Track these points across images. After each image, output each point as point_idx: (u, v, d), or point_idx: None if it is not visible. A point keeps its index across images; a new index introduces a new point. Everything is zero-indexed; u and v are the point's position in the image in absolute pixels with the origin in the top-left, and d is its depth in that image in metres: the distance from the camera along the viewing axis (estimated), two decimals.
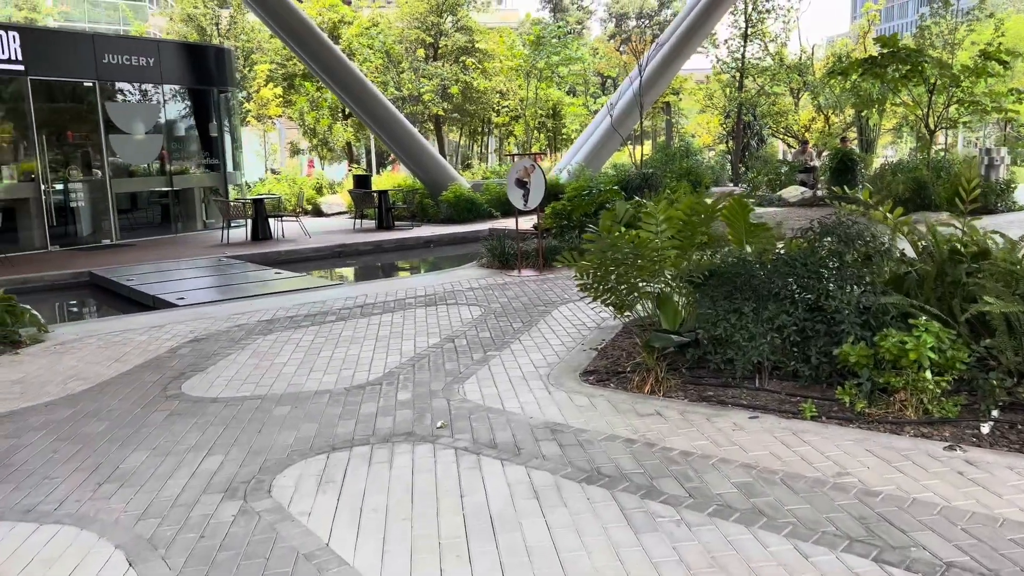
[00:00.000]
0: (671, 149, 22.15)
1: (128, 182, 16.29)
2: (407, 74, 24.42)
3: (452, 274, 10.49)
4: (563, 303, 8.15)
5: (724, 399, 4.84)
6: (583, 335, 6.74)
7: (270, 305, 8.63)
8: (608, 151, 19.18)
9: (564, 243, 11.10)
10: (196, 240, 15.86)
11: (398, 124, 17.62)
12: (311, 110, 24.53)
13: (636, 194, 13.55)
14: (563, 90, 27.46)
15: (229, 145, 18.57)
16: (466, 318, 7.59)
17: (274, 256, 13.50)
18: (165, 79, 16.50)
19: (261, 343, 6.85)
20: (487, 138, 33.62)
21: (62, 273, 11.59)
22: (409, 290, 9.28)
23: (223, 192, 18.00)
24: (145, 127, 16.37)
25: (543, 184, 10.08)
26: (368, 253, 14.48)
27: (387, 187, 20.04)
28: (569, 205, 11.98)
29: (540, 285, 9.30)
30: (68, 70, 14.86)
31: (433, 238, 15.51)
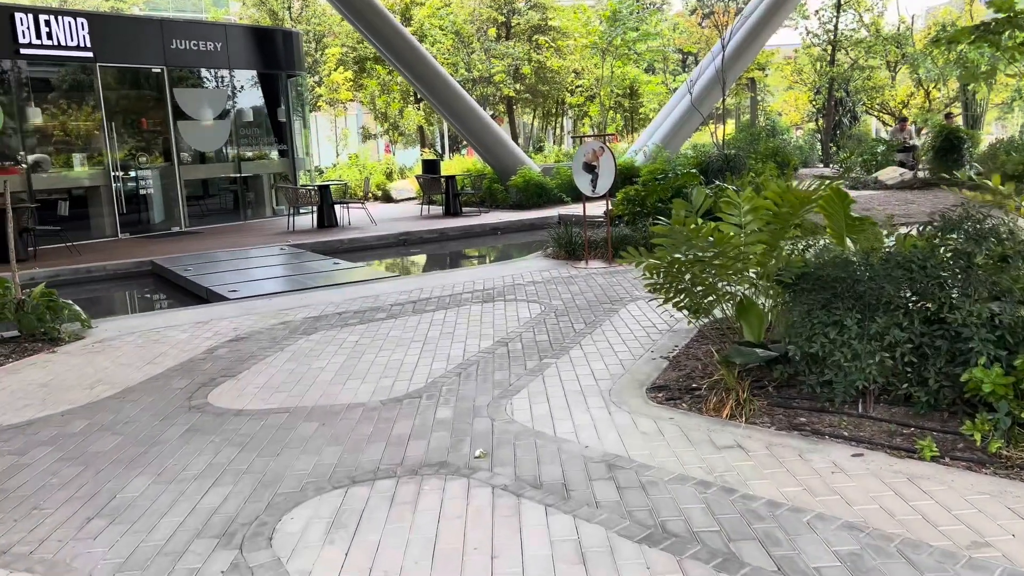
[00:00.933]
0: (755, 128, 20.86)
1: (196, 169, 16.24)
2: (477, 54, 23.78)
3: (515, 265, 9.84)
4: (631, 300, 7.40)
5: (819, 428, 4.04)
6: (652, 340, 5.99)
7: (321, 299, 8.17)
8: (687, 131, 18.13)
9: (636, 232, 10.29)
10: (263, 227, 15.69)
11: (466, 106, 17.03)
12: (382, 94, 24.21)
13: (717, 177, 12.59)
14: (640, 68, 26.31)
15: (298, 130, 18.36)
16: (524, 317, 6.93)
17: (336, 245, 13.13)
18: (233, 64, 16.34)
19: (303, 344, 6.36)
20: (561, 119, 32.73)
21: (124, 262, 11.49)
22: (467, 284, 8.68)
23: (292, 178, 17.82)
24: (213, 113, 16.26)
25: (613, 168, 9.30)
26: (432, 241, 13.97)
27: (456, 172, 19.53)
28: (643, 190, 11.15)
29: (607, 279, 8.55)
30: (136, 56, 14.82)
31: (500, 225, 14.89)
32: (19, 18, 13.06)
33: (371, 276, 9.49)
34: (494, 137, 17.57)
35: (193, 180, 16.21)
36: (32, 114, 13.56)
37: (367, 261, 12.53)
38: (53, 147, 14.19)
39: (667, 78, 28.20)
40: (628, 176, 14.65)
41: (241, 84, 16.85)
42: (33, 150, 13.79)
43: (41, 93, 13.80)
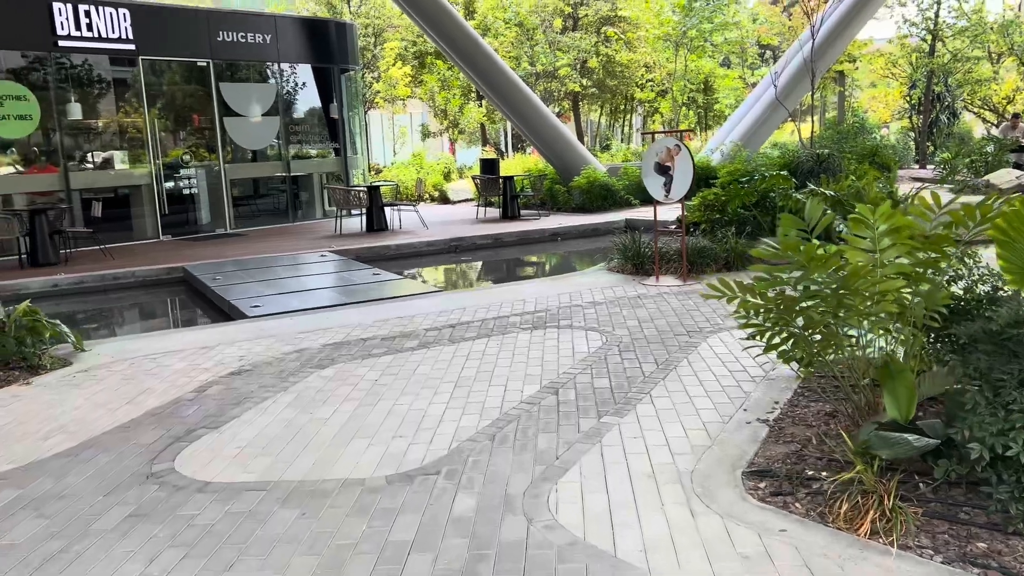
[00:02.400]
0: (843, 125, 19.08)
1: (243, 167, 15.49)
2: (541, 47, 22.54)
3: (573, 281, 8.60)
4: (713, 331, 6.08)
5: (1011, 565, 2.71)
6: (743, 391, 4.69)
7: (350, 319, 7.10)
8: (769, 128, 16.54)
9: (716, 243, 8.94)
10: (310, 230, 14.83)
11: (527, 103, 15.85)
12: (442, 90, 23.22)
13: (807, 180, 11.09)
14: (716, 61, 24.66)
15: (351, 127, 17.49)
16: (581, 351, 5.70)
17: (383, 251, 12.12)
18: (283, 57, 15.53)
19: (312, 382, 5.27)
20: (629, 116, 31.22)
21: (154, 268, 10.69)
22: (517, 303, 7.49)
23: (344, 178, 16.96)
24: (261, 109, 15.49)
25: (691, 169, 7.97)
26: (485, 248, 12.83)
27: (516, 172, 18.38)
28: (723, 194, 9.76)
29: (682, 301, 7.24)
30: (181, 49, 14.12)
31: (560, 230, 13.66)
32: (57, 8, 12.45)
33: (409, 291, 8.39)
34: (556, 134, 16.35)
35: (240, 179, 15.47)
36: (71, 110, 12.96)
37: (412, 270, 11.50)
38: (93, 144, 13.59)
39: (745, 72, 26.45)
40: (704, 177, 13.23)
41: (291, 78, 16.04)
42: (71, 147, 13.21)
43: (80, 87, 13.19)
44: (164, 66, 14.21)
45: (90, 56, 13.13)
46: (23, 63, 12.54)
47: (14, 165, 12.71)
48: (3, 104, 12.14)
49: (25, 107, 12.39)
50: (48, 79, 12.76)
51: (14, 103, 12.26)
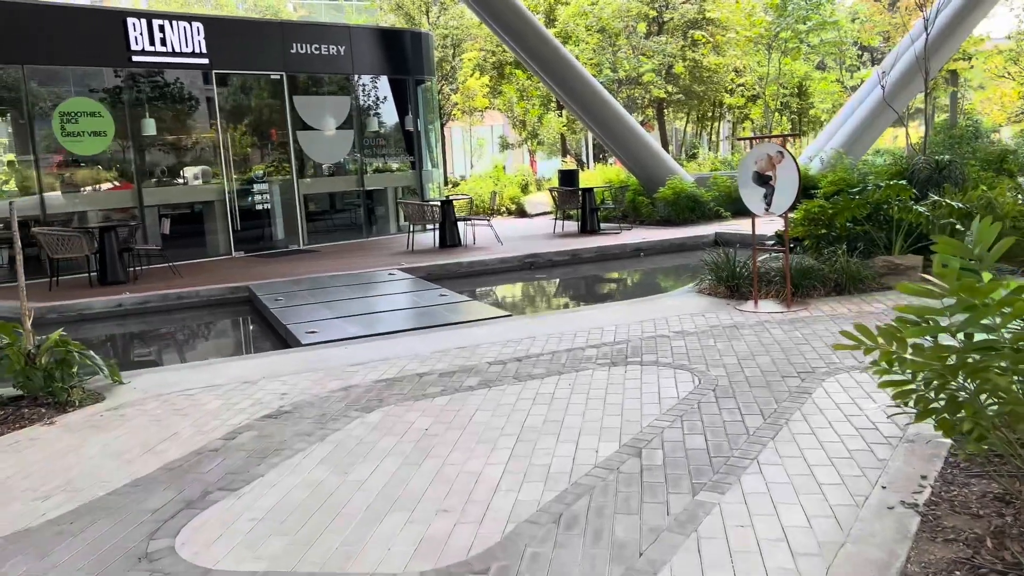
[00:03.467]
0: (957, 129, 17.42)
1: (317, 182, 15.18)
2: (624, 52, 21.60)
3: (659, 304, 7.68)
4: (830, 372, 5.09)
5: None
6: (877, 457, 3.72)
7: (408, 349, 6.41)
8: (875, 132, 15.16)
9: (824, 263, 7.86)
10: (384, 246, 14.35)
11: (609, 110, 15.00)
12: (520, 100, 22.57)
13: (925, 189, 9.84)
14: (812, 64, 23.18)
15: (427, 140, 17.01)
16: (668, 397, 4.81)
17: (454, 268, 11.47)
18: (357, 68, 15.17)
19: (354, 429, 4.57)
20: (718, 123, 29.85)
21: (219, 288, 10.32)
22: (593, 332, 6.64)
23: (419, 192, 16.47)
24: (335, 122, 15.16)
25: (796, 179, 6.96)
26: (562, 265, 12.01)
27: (596, 183, 17.52)
28: (830, 206, 8.65)
29: (787, 332, 6.24)
30: (255, 62, 13.91)
31: (644, 245, 12.71)
32: (132, 23, 12.37)
33: (476, 316, 7.65)
34: (639, 143, 15.41)
35: (313, 194, 15.16)
36: (145, 126, 12.85)
37: (483, 290, 10.80)
38: (166, 160, 13.47)
39: (843, 75, 24.81)
40: (804, 187, 12.06)
41: (366, 90, 15.66)
42: (145, 163, 13.10)
43: (153, 103, 13.09)
44: (237, 80, 14.03)
45: (164, 71, 13.02)
46: (97, 79, 12.50)
47: (89, 182, 12.67)
48: (78, 121, 12.11)
49: (99, 123, 12.33)
50: (122, 95, 12.69)
51: (88, 119, 12.21)
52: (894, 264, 7.87)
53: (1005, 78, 22.40)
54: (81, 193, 12.55)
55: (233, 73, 13.76)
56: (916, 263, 7.84)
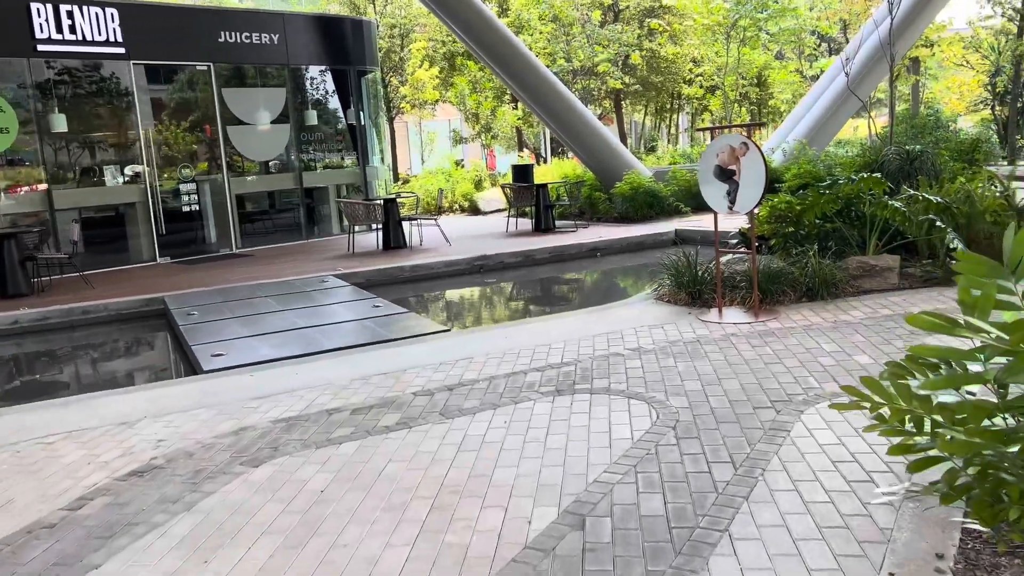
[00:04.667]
0: (919, 118, 16.97)
1: (251, 181, 14.14)
2: (579, 41, 20.79)
3: (614, 314, 6.89)
4: (809, 400, 4.33)
5: None
6: (878, 526, 2.95)
7: (324, 376, 5.53)
8: (838, 122, 14.58)
9: (795, 266, 7.15)
10: (324, 248, 13.39)
11: (562, 102, 14.20)
12: (473, 92, 21.67)
13: (896, 181, 9.20)
14: (770, 53, 22.63)
15: (372, 134, 16.04)
16: (621, 438, 4.01)
17: (396, 273, 10.58)
18: (293, 59, 14.15)
19: (233, 491, 3.69)
20: (676, 115, 29.24)
21: (131, 300, 9.29)
22: (539, 350, 5.82)
23: (364, 190, 15.51)
24: (270, 116, 14.13)
25: (763, 173, 6.22)
26: (514, 267, 11.18)
27: (552, 179, 16.75)
28: (797, 202, 7.94)
29: (759, 347, 5.48)
30: (178, 51, 12.81)
31: (600, 244, 11.94)
32: (36, 9, 11.21)
33: (409, 333, 6.78)
34: (595, 136, 14.64)
35: (247, 193, 14.12)
36: (54, 121, 11.69)
37: (425, 298, 9.93)
38: (79, 159, 12.33)
39: (802, 64, 24.34)
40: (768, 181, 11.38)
41: (303, 82, 14.65)
42: (55, 163, 11.95)
43: (65, 96, 11.94)
44: (159, 71, 12.92)
45: (74, 61, 11.87)
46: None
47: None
48: None
49: (1, 119, 11.17)
50: (27, 88, 11.53)
51: None
52: (869, 265, 7.18)
53: (964, 67, 22.12)
54: None
55: (154, 64, 12.65)
56: (893, 264, 7.17)
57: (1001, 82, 18.93)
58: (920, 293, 6.82)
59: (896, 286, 7.08)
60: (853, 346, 5.35)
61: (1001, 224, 7.83)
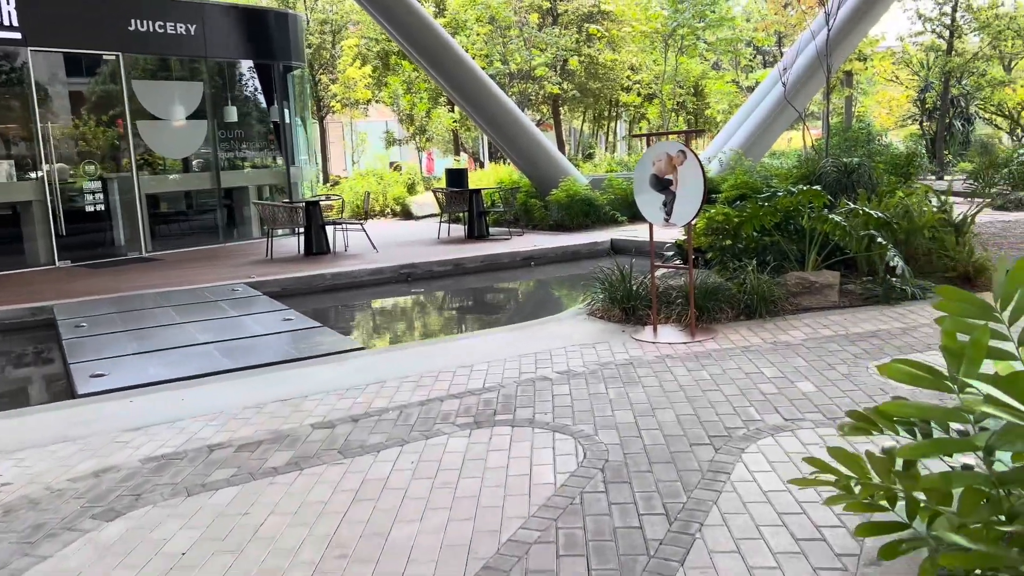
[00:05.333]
0: (851, 132, 17.09)
1: (163, 180, 13.24)
2: (515, 44, 20.37)
3: (543, 331, 6.41)
4: (751, 435, 3.91)
5: None
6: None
7: (212, 403, 4.90)
8: (774, 133, 14.49)
9: (729, 278, 6.80)
10: (242, 253, 12.60)
11: (497, 104, 13.73)
12: (407, 93, 21.03)
13: (834, 194, 8.99)
14: (708, 63, 22.62)
15: (298, 133, 15.29)
16: (543, 484, 3.51)
17: (316, 281, 9.92)
18: (211, 51, 13.31)
19: (71, 558, 3.06)
20: (614, 123, 29.12)
21: (16, 309, 8.41)
22: (460, 372, 5.29)
23: (288, 191, 14.74)
24: (185, 111, 13.27)
25: (700, 183, 5.83)
26: (443, 276, 10.64)
27: (488, 184, 16.28)
28: (735, 214, 7.61)
29: (695, 371, 5.07)
30: (83, 39, 11.87)
31: (535, 253, 11.49)
32: None
33: (319, 351, 6.17)
34: (531, 141, 14.22)
35: (160, 193, 13.22)
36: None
37: (343, 309, 9.31)
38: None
39: (738, 75, 24.44)
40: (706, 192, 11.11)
41: (223, 76, 13.82)
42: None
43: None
44: (61, 59, 11.95)
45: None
46: None
47: None
48: None
49: None
50: None
51: None
52: (809, 282, 6.88)
53: (893, 82, 22.52)
54: None
55: (55, 51, 11.69)
56: (833, 281, 6.88)
57: (931, 97, 19.28)
58: (861, 312, 6.54)
59: (836, 303, 6.79)
60: (795, 371, 4.98)
61: (939, 240, 7.67)
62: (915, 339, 5.61)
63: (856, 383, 4.70)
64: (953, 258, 7.38)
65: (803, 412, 4.26)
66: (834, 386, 4.66)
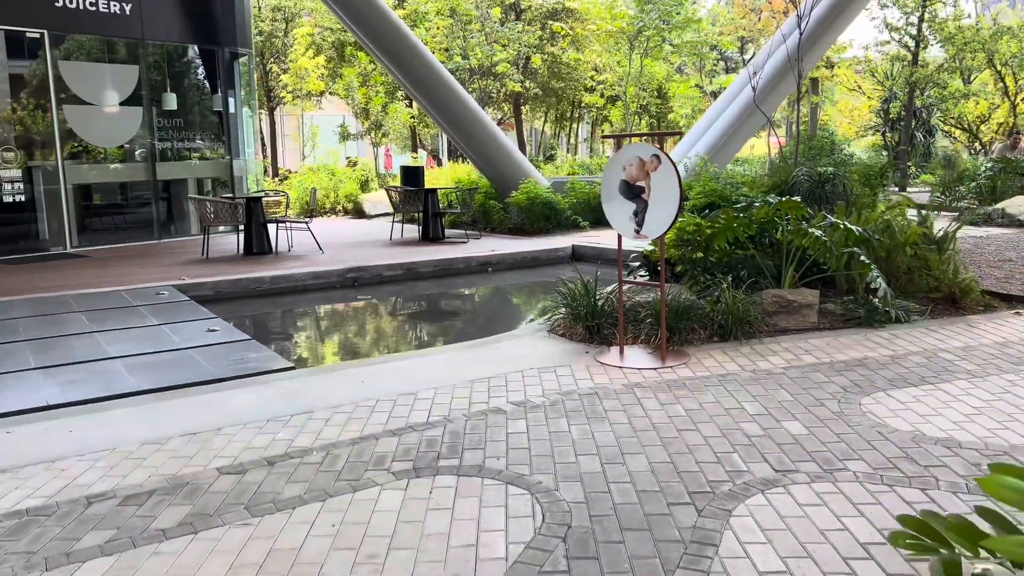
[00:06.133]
0: (817, 140, 16.80)
1: (92, 170, 12.28)
2: (476, 39, 19.67)
3: (499, 351, 5.77)
4: (738, 491, 3.31)
5: None
6: None
7: (102, 439, 4.15)
8: (741, 139, 14.06)
9: (700, 294, 6.25)
10: (177, 251, 11.72)
11: (455, 99, 13.06)
12: (362, 86, 20.19)
13: (807, 204, 8.51)
14: (673, 66, 22.22)
15: (244, 124, 14.41)
16: (490, 559, 2.86)
17: (252, 285, 9.13)
18: (148, 33, 12.39)
19: None
20: (577, 125, 28.61)
21: None
22: (402, 401, 4.62)
23: (232, 185, 13.87)
24: (119, 96, 12.32)
25: (676, 191, 5.24)
26: (392, 282, 9.93)
27: (446, 183, 15.59)
28: (707, 225, 7.06)
29: (669, 405, 4.47)
30: (3, 14, 10.88)
31: (492, 259, 10.84)
32: None
33: (241, 370, 5.43)
34: (490, 138, 13.57)
35: (89, 184, 12.25)
36: None
37: (279, 318, 8.54)
38: None
39: (703, 80, 24.11)
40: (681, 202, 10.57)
41: (161, 60, 12.90)
42: None
43: None
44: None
45: None
46: None
47: None
48: None
49: None
50: None
51: None
52: (786, 300, 6.36)
53: (855, 91, 22.41)
54: None
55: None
56: (812, 300, 6.36)
57: (895, 108, 19.11)
58: (843, 335, 6.03)
59: (816, 325, 6.28)
60: (780, 407, 4.42)
61: (921, 257, 7.23)
62: (906, 370, 5.10)
63: (850, 424, 4.15)
64: (937, 278, 6.93)
65: (794, 461, 3.68)
66: (825, 427, 4.10)
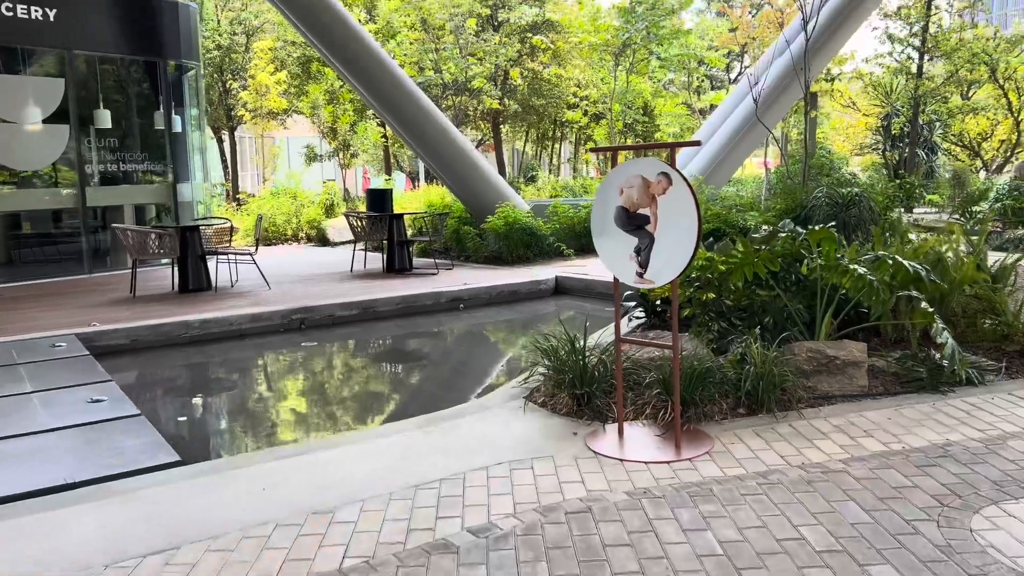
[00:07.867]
0: (816, 158, 15.65)
1: (11, 196, 10.83)
2: (449, 51, 18.40)
3: (457, 433, 4.36)
4: None
5: None
6: None
7: None
8: (741, 155, 12.83)
9: (716, 347, 4.89)
10: (103, 287, 10.27)
11: (425, 117, 11.74)
12: (328, 103, 18.87)
13: (839, 230, 7.21)
14: (658, 82, 21.08)
15: (190, 144, 13.01)
16: None
17: (178, 331, 7.69)
18: (76, 42, 11.01)
19: None
20: (559, 145, 27.39)
21: None
22: (309, 528, 3.19)
23: (174, 213, 12.44)
24: (42, 113, 10.90)
25: (694, 223, 3.88)
26: (347, 324, 8.52)
27: (417, 207, 14.26)
28: (721, 260, 5.73)
29: (694, 533, 3.06)
30: None
31: (465, 294, 9.46)
32: None
33: (115, 467, 3.99)
34: (463, 158, 12.25)
35: (7, 213, 10.80)
36: None
37: (194, 376, 7.05)
38: None
39: (690, 97, 22.99)
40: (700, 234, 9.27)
41: (92, 73, 11.50)
42: None
43: None
44: None
45: None
46: None
47: None
48: None
49: None
50: None
51: None
52: (827, 357, 5.00)
53: (850, 108, 21.36)
54: None
55: None
56: (859, 357, 5.01)
57: (897, 124, 18.02)
58: (905, 406, 4.67)
59: (866, 390, 4.93)
60: (856, 537, 3.04)
61: (984, 298, 5.93)
62: (1013, 464, 3.74)
63: (967, 569, 2.78)
64: (1008, 324, 5.61)
65: None
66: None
